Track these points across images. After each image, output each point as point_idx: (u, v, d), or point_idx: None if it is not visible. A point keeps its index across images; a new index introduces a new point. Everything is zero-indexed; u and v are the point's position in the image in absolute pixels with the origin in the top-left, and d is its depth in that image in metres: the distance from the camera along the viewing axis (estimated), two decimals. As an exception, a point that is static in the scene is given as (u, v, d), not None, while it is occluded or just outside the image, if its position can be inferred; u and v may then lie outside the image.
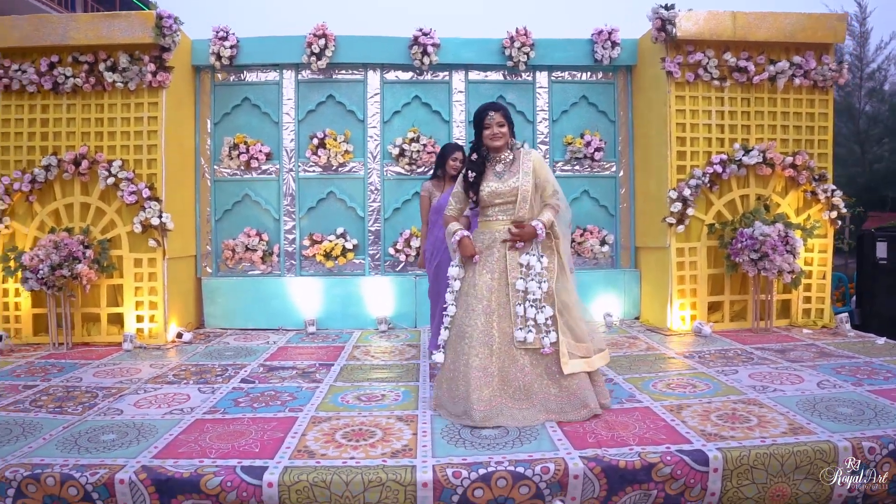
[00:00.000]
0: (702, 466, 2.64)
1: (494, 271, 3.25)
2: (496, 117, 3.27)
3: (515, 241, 3.23)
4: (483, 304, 3.21)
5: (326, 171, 6.03)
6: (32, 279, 4.88)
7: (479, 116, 3.31)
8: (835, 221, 5.48)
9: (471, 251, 3.26)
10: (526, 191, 3.25)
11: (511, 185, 3.26)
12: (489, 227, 3.32)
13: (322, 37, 5.80)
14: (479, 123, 3.31)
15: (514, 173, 3.29)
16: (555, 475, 2.56)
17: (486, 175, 3.33)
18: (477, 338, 3.17)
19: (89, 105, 5.33)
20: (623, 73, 6.19)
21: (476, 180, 3.31)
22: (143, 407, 3.47)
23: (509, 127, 3.31)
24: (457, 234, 3.30)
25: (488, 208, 3.33)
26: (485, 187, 3.29)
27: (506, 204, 3.28)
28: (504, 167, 3.33)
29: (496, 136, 3.27)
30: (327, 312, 5.87)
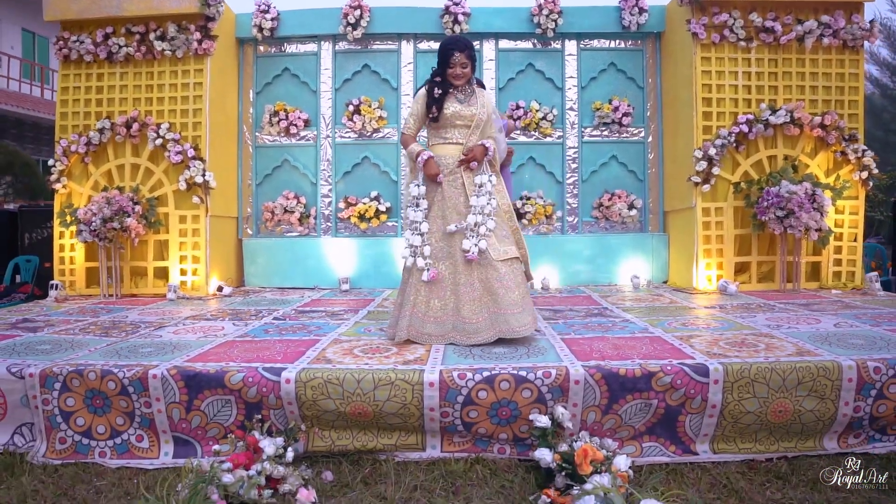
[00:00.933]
0: (702, 377, 2.71)
1: (461, 193, 3.44)
2: (460, 58, 3.40)
3: (470, 162, 3.42)
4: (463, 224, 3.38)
5: (361, 136, 6.26)
6: (86, 231, 5.24)
7: (444, 53, 3.42)
8: (866, 182, 5.41)
9: (436, 171, 3.41)
10: (481, 120, 3.46)
11: (472, 111, 3.45)
12: (447, 151, 3.46)
13: (357, 8, 6.04)
14: (444, 60, 3.43)
15: (474, 102, 3.48)
16: (556, 380, 2.68)
17: (449, 98, 3.47)
18: (459, 258, 3.35)
19: (140, 72, 5.69)
20: (651, 39, 6.24)
21: (441, 98, 3.45)
22: (180, 334, 3.72)
23: (472, 66, 3.47)
24: (423, 154, 3.42)
25: (447, 129, 3.47)
26: (448, 107, 3.44)
27: (464, 127, 3.46)
28: (465, 96, 3.50)
29: (459, 76, 3.44)
30: (360, 272, 6.09)
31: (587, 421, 2.72)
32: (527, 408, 2.67)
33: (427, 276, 3.32)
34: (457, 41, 3.47)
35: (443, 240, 3.40)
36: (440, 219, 3.43)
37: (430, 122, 3.51)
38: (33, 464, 2.72)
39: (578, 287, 5.84)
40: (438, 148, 3.50)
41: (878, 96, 13.97)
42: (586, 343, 3.24)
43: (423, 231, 3.40)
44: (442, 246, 3.40)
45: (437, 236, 3.41)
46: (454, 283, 3.34)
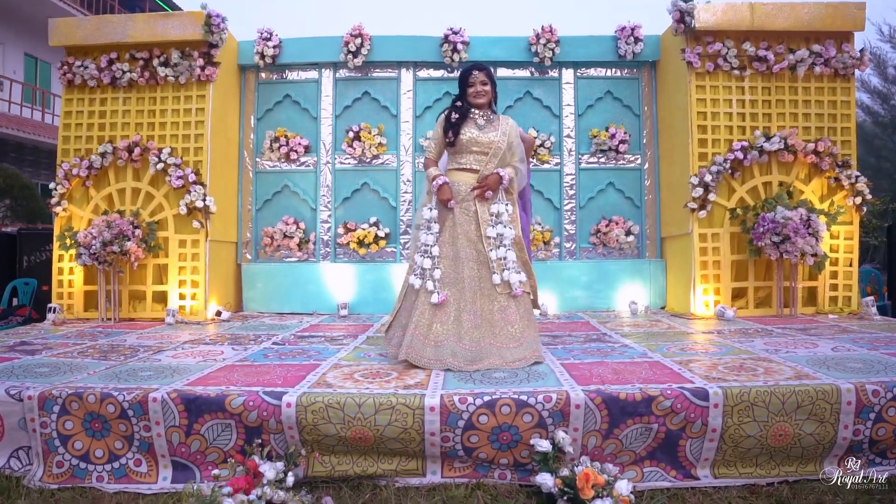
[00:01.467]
0: (702, 401, 2.72)
1: (472, 221, 3.48)
2: (480, 76, 3.52)
3: (484, 191, 3.46)
4: (466, 251, 3.44)
5: (361, 163, 6.32)
6: (85, 254, 5.25)
7: (463, 76, 3.56)
8: (860, 208, 5.48)
9: (448, 196, 3.46)
10: (499, 147, 3.50)
11: (490, 137, 3.51)
12: (462, 178, 3.52)
13: (358, 36, 6.14)
14: (464, 82, 3.56)
15: (493, 129, 3.54)
16: (557, 404, 2.68)
17: (467, 124, 3.54)
18: (467, 285, 3.40)
19: (143, 98, 5.75)
20: (647, 68, 6.35)
21: (458, 122, 3.52)
22: (179, 358, 3.72)
23: (492, 87, 3.56)
24: (438, 178, 3.50)
25: (463, 154, 3.53)
26: (465, 133, 3.51)
27: (480, 154, 3.51)
28: (485, 122, 3.56)
29: (479, 94, 3.53)
30: (359, 297, 6.10)
31: (588, 446, 2.71)
32: (528, 432, 2.67)
33: (437, 298, 3.35)
34: (475, 64, 3.62)
35: (451, 265, 3.44)
36: (450, 244, 3.47)
37: (448, 147, 3.58)
38: (29, 488, 2.70)
39: (577, 313, 5.86)
40: (454, 174, 3.56)
41: (870, 123, 14.18)
42: (586, 368, 3.24)
43: (434, 255, 3.44)
44: (449, 272, 3.44)
45: (446, 262, 3.45)
46: (458, 309, 3.38)
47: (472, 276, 3.42)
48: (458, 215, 3.48)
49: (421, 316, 3.37)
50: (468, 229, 3.47)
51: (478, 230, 3.46)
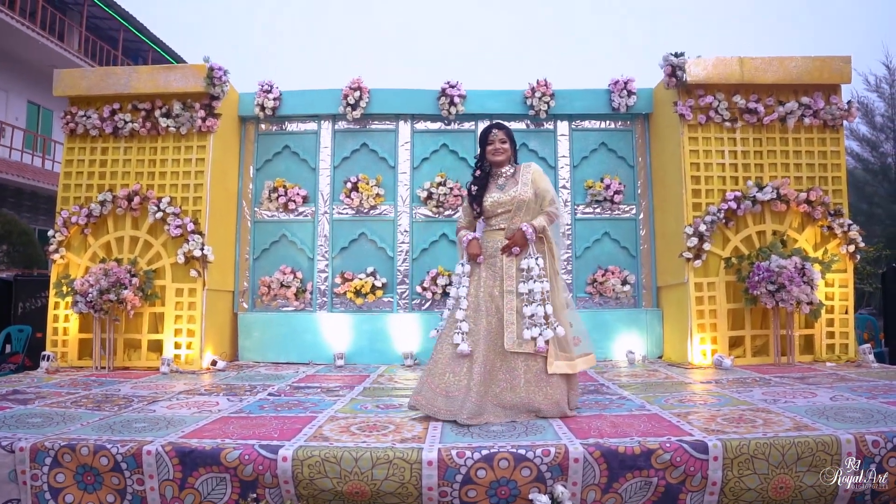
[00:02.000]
0: (701, 454, 2.70)
1: (497, 277, 3.52)
2: (499, 135, 3.63)
3: (511, 248, 3.49)
4: (486, 306, 3.47)
5: (359, 213, 6.37)
6: (81, 302, 5.24)
7: (483, 135, 3.68)
8: (853, 256, 5.53)
9: (475, 251, 3.54)
10: (523, 200, 3.53)
11: (511, 194, 3.56)
12: (492, 237, 3.60)
13: (357, 89, 6.27)
14: (483, 141, 3.67)
15: (514, 184, 3.60)
16: (555, 458, 2.66)
17: (490, 188, 3.65)
18: (483, 337, 3.40)
19: (144, 147, 5.83)
20: (640, 120, 6.48)
21: (479, 193, 3.64)
22: (174, 409, 3.69)
23: (511, 144, 3.66)
24: (467, 235, 3.62)
25: (492, 218, 3.62)
26: (487, 198, 3.61)
27: (508, 213, 3.57)
28: (506, 179, 3.65)
29: (498, 152, 3.62)
30: (356, 347, 6.06)
31: (587, 500, 2.68)
32: (526, 486, 2.64)
33: (465, 348, 3.37)
34: (495, 123, 3.74)
35: (472, 318, 3.47)
36: (473, 297, 3.52)
37: (477, 217, 3.69)
38: (19, 545, 2.64)
39: (574, 361, 5.82)
40: (487, 235, 3.65)
41: (861, 170, 14.43)
42: (584, 421, 3.22)
43: (462, 307, 3.49)
44: (470, 324, 3.46)
45: (468, 313, 3.49)
46: (471, 361, 3.37)
47: (488, 330, 3.43)
48: (484, 271, 3.54)
49: (435, 364, 3.40)
50: (491, 285, 3.51)
51: (500, 286, 3.49)
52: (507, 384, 3.36)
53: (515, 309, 3.44)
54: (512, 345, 3.39)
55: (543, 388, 3.36)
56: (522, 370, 3.37)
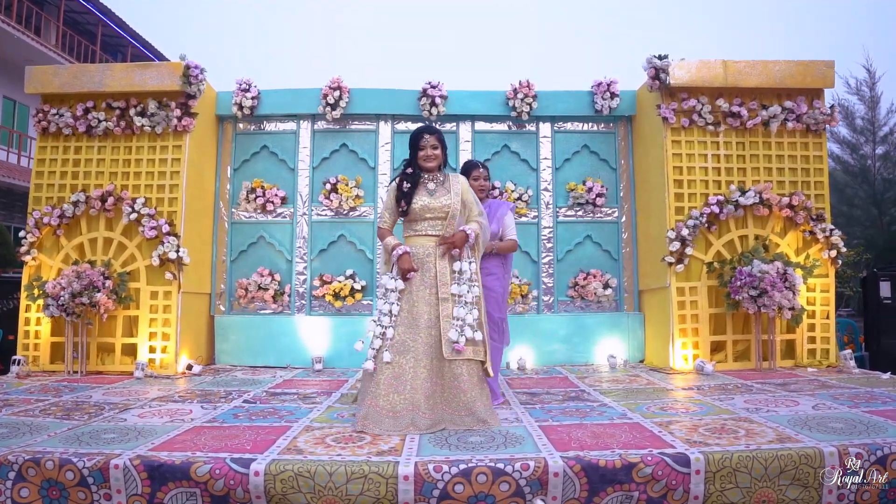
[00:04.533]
0: (683, 468, 2.66)
1: (430, 286, 3.45)
2: (431, 140, 3.56)
3: (451, 249, 3.45)
4: (424, 318, 3.41)
5: (338, 215, 6.28)
6: (53, 305, 5.10)
7: (415, 139, 3.59)
8: (835, 261, 5.54)
9: (408, 266, 3.43)
10: (456, 209, 3.51)
11: (443, 202, 3.51)
12: (419, 243, 3.52)
13: (337, 89, 6.17)
14: (414, 145, 3.59)
15: (445, 191, 3.55)
16: (534, 472, 2.60)
17: (418, 191, 3.55)
18: (423, 351, 3.36)
19: (118, 147, 5.70)
20: (623, 122, 6.44)
21: (410, 191, 3.53)
22: (145, 417, 3.58)
23: (442, 150, 3.61)
24: (398, 248, 3.46)
25: (417, 222, 3.54)
26: (417, 201, 3.52)
27: (435, 219, 3.52)
28: (436, 185, 3.58)
29: (430, 158, 3.56)
30: (334, 351, 5.97)
31: (567, 515, 2.62)
32: (505, 502, 2.57)
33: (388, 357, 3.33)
34: (426, 127, 3.67)
35: (409, 332, 3.39)
36: (407, 311, 3.43)
37: (401, 216, 3.59)
38: (-22, 565, 2.54)
39: (555, 367, 5.78)
40: (411, 239, 3.57)
41: (841, 172, 14.57)
42: (564, 431, 3.17)
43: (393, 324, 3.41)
44: (405, 339, 3.38)
45: (402, 329, 3.40)
46: (414, 376, 3.32)
47: (428, 342, 3.38)
48: (417, 281, 3.46)
49: (377, 387, 3.30)
50: (426, 294, 3.44)
51: (435, 293, 3.44)
52: (456, 390, 3.33)
53: (452, 315, 3.41)
54: (451, 353, 3.36)
55: (483, 392, 3.40)
56: (466, 375, 3.35)
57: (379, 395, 3.27)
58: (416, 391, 3.27)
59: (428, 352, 3.35)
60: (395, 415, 3.21)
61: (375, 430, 3.17)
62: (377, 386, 3.30)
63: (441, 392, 3.34)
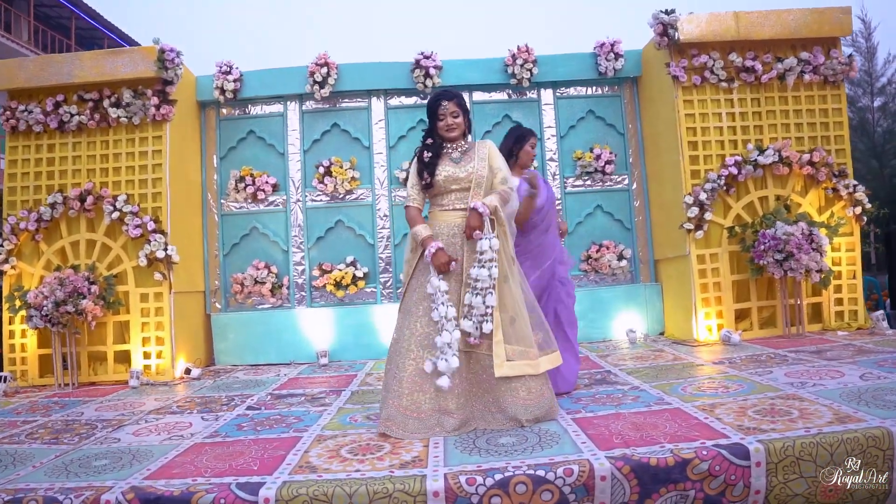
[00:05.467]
0: (742, 460, 2.39)
1: (455, 270, 3.06)
2: (450, 107, 3.13)
3: (472, 234, 3.00)
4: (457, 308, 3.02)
5: (334, 199, 5.94)
6: (36, 317, 4.78)
7: (432, 107, 3.18)
8: (860, 218, 5.26)
9: (445, 261, 2.97)
10: (481, 176, 3.11)
11: (467, 170, 3.11)
12: (446, 220, 3.12)
13: (324, 65, 5.80)
14: (433, 114, 3.17)
15: (470, 159, 3.14)
16: (579, 478, 2.32)
17: (442, 161, 3.15)
18: None
19: (94, 142, 5.33)
20: (629, 84, 6.10)
21: (432, 161, 3.13)
22: (141, 435, 3.29)
23: (464, 116, 3.18)
24: (430, 245, 2.99)
25: (444, 195, 3.15)
26: (440, 172, 3.12)
27: (462, 191, 3.11)
28: (460, 154, 3.17)
29: (451, 128, 3.14)
30: (340, 343, 5.68)
31: (618, 523, 2.35)
32: (548, 513, 2.30)
33: (445, 383, 2.87)
34: (444, 92, 3.21)
35: (432, 324, 2.98)
36: (429, 301, 3.00)
37: (426, 190, 3.18)
38: None
39: (573, 345, 5.50)
40: (438, 216, 3.16)
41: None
42: (602, 424, 2.89)
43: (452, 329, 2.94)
44: (429, 332, 2.99)
45: (426, 320, 3.01)
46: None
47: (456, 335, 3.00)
48: None
49: (399, 384, 2.96)
50: (450, 279, 3.04)
51: (460, 277, 3.06)
52: (485, 384, 3.01)
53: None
54: (465, 343, 3.01)
55: (515, 385, 2.99)
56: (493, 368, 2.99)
57: (402, 393, 2.95)
58: (448, 393, 2.95)
59: (456, 346, 2.98)
60: (419, 415, 2.91)
61: (399, 432, 2.88)
62: (400, 384, 2.97)
63: (469, 387, 3.02)
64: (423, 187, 3.16)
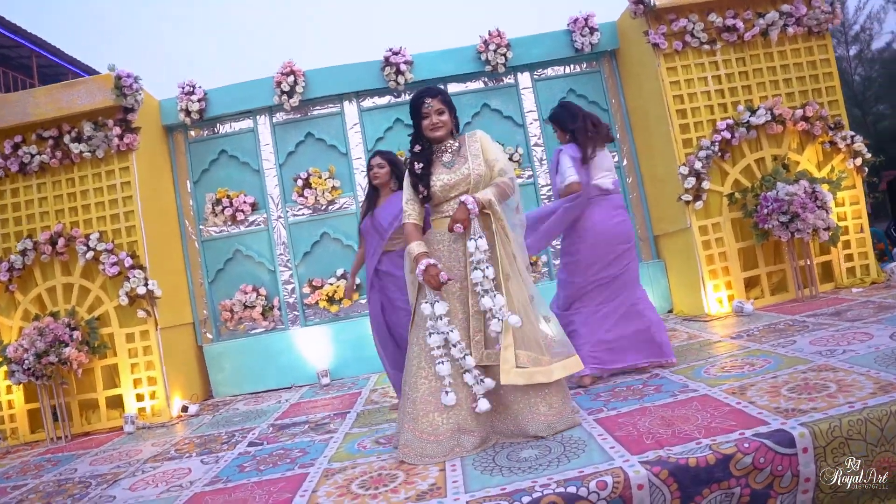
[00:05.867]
0: (787, 448, 2.19)
1: (461, 277, 2.83)
2: (434, 104, 2.87)
3: (453, 226, 2.75)
4: (459, 317, 2.82)
5: (316, 212, 5.71)
6: (18, 371, 4.53)
7: (415, 105, 2.91)
8: (861, 169, 5.08)
9: (436, 278, 2.70)
10: (479, 175, 2.85)
11: (463, 172, 2.85)
12: (446, 226, 2.84)
13: (290, 74, 5.56)
14: (416, 114, 2.91)
15: (463, 159, 2.89)
16: (614, 490, 2.12)
17: (434, 167, 2.90)
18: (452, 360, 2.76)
19: (59, 181, 5.07)
20: (607, 58, 5.89)
21: (425, 171, 2.88)
22: (138, 489, 3.06)
23: (450, 113, 2.91)
24: (422, 260, 2.73)
25: (443, 204, 2.89)
26: (436, 181, 2.86)
27: (462, 195, 2.83)
28: (452, 156, 2.91)
29: (436, 126, 2.87)
30: (340, 360, 5.46)
31: (661, 533, 2.15)
32: (586, 534, 2.09)
33: (450, 399, 2.70)
34: (427, 88, 2.96)
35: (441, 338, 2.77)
36: None
37: (425, 202, 2.94)
38: None
39: (581, 333, 5.30)
40: (439, 224, 2.92)
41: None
42: (628, 422, 2.68)
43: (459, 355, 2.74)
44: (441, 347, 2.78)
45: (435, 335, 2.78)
46: (455, 389, 2.74)
47: (465, 347, 2.78)
48: (452, 271, 2.85)
49: (414, 405, 2.74)
50: (456, 288, 2.83)
51: (467, 288, 2.82)
52: (502, 399, 2.78)
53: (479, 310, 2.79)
54: (480, 358, 2.76)
55: (533, 398, 2.74)
56: None
57: (417, 416, 2.72)
58: (459, 408, 2.73)
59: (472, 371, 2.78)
60: (437, 438, 2.68)
61: (417, 459, 2.66)
62: (414, 406, 2.74)
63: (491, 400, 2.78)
64: (420, 201, 2.93)
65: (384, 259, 3.77)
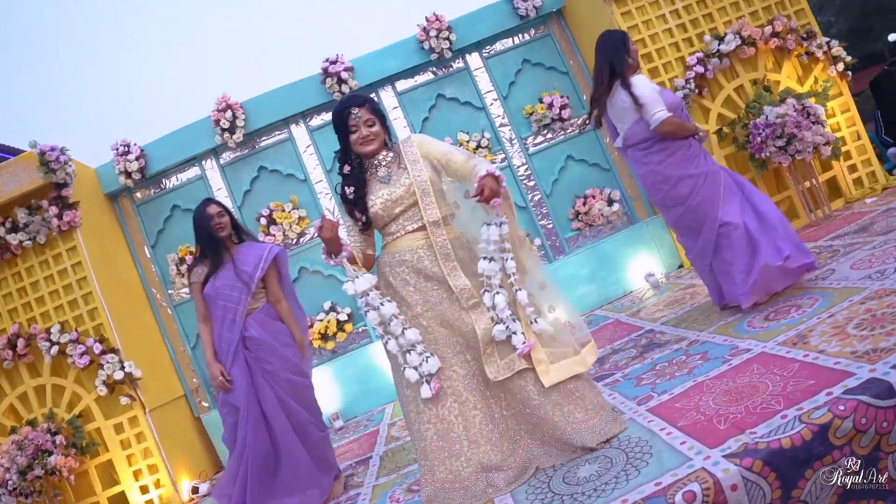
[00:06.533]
0: (888, 400, 1.86)
1: (442, 297, 2.41)
2: (362, 114, 2.45)
3: (490, 199, 2.28)
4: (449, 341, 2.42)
5: (288, 248, 5.30)
6: (4, 495, 4.08)
7: (338, 120, 2.48)
8: (844, 74, 4.81)
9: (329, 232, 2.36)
10: (424, 181, 2.42)
11: (404, 183, 2.43)
12: (406, 245, 2.44)
13: (226, 109, 5.15)
14: (342, 128, 2.48)
15: (402, 169, 2.47)
16: (705, 498, 1.77)
17: (370, 186, 2.49)
18: (463, 386, 2.39)
19: (5, 278, 4.62)
20: (555, 19, 5.54)
21: (358, 194, 2.48)
22: None
23: (381, 122, 2.50)
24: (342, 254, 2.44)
25: (390, 224, 2.47)
26: (374, 200, 2.45)
27: (409, 209, 2.44)
28: (388, 169, 2.49)
29: (367, 140, 2.46)
30: (349, 398, 5.07)
31: (769, 533, 1.81)
32: (685, 559, 1.74)
33: (427, 392, 2.32)
34: (350, 97, 2.52)
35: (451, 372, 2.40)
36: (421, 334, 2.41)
37: (367, 229, 2.54)
38: None
39: (594, 313, 4.96)
40: (393, 245, 2.48)
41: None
42: (688, 405, 2.33)
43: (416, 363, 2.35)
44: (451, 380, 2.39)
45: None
46: (466, 426, 2.36)
47: (467, 371, 2.40)
48: (418, 300, 2.42)
49: (425, 457, 2.35)
50: (441, 307, 2.41)
51: (453, 304, 2.39)
52: (533, 417, 2.37)
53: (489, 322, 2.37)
54: (498, 371, 2.35)
55: (570, 402, 2.37)
56: (535, 390, 2.35)
57: (433, 466, 2.33)
58: (478, 444, 2.34)
59: (471, 384, 2.39)
60: (462, 485, 2.29)
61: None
62: (426, 456, 2.35)
63: (514, 426, 2.40)
64: (361, 228, 2.53)
65: (250, 323, 3.09)
